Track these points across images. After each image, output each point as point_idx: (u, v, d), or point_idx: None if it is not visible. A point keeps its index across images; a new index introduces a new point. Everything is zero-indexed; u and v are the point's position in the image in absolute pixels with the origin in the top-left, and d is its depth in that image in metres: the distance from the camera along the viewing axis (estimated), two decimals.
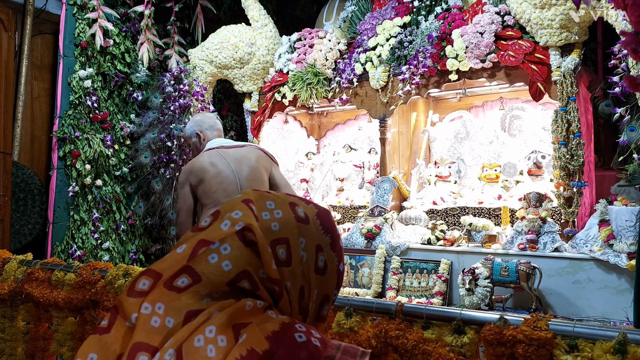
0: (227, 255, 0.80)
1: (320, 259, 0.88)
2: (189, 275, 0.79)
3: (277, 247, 0.83)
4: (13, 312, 2.31)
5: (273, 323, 0.77)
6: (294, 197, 0.92)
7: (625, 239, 3.20)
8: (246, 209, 0.84)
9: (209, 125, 3.04)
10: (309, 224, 0.88)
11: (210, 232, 0.82)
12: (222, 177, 2.79)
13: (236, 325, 0.76)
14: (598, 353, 1.09)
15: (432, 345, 1.28)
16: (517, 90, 4.39)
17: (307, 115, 5.70)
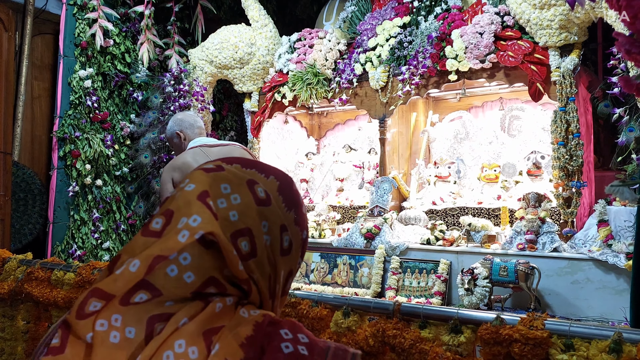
0: (187, 265, 0.72)
1: (285, 239, 0.82)
2: (147, 290, 0.70)
3: (239, 239, 0.76)
4: (13, 311, 2.31)
5: (246, 326, 0.72)
6: (252, 172, 0.83)
7: (623, 239, 3.20)
8: (204, 211, 0.75)
9: (189, 124, 2.98)
10: (271, 204, 0.81)
11: (165, 245, 0.72)
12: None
13: (207, 332, 0.70)
14: (593, 352, 1.09)
15: (429, 344, 1.29)
16: (516, 91, 4.39)
17: (307, 116, 5.70)
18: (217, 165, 0.83)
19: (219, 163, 0.84)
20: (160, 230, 0.75)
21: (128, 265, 0.71)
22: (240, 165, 0.84)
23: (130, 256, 0.73)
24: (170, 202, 0.78)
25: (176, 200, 0.77)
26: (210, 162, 0.85)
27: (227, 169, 0.82)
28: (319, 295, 1.53)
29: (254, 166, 0.85)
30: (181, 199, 0.77)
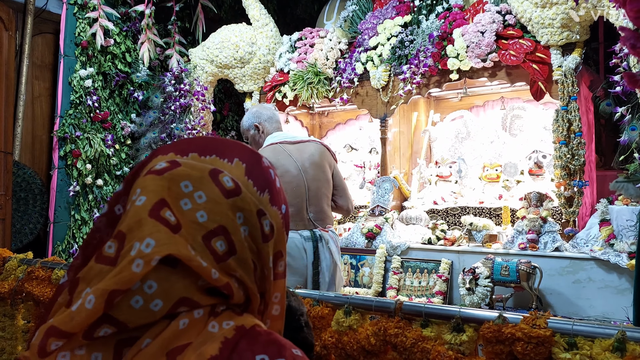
0: (154, 293, 0.64)
1: (266, 224, 0.74)
2: (110, 324, 0.64)
3: (213, 240, 0.68)
4: (13, 310, 2.31)
5: (213, 343, 0.64)
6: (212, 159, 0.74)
7: (626, 238, 3.19)
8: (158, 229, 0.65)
9: (268, 117, 2.85)
10: (242, 192, 0.72)
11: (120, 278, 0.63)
12: (291, 176, 2.64)
13: (171, 352, 0.63)
14: (597, 351, 1.08)
15: (431, 343, 1.28)
16: (518, 90, 4.38)
17: (308, 115, 5.70)
18: (170, 162, 0.72)
19: (172, 157, 0.74)
20: (115, 257, 0.65)
21: (84, 301, 0.62)
22: (197, 154, 0.75)
23: (87, 285, 0.65)
24: (122, 221, 0.68)
25: (127, 220, 0.67)
26: (161, 158, 0.74)
27: (183, 162, 0.72)
28: (320, 294, 1.52)
29: (213, 150, 0.76)
30: (132, 217, 0.67)
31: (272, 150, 2.67)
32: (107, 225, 0.74)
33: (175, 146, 0.77)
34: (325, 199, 2.75)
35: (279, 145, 2.69)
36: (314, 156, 2.72)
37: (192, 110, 5.07)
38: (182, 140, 0.79)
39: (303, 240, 2.62)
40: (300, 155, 2.69)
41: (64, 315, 0.63)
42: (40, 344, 0.63)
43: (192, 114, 5.06)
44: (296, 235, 2.62)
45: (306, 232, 2.64)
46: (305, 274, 2.60)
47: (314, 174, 2.68)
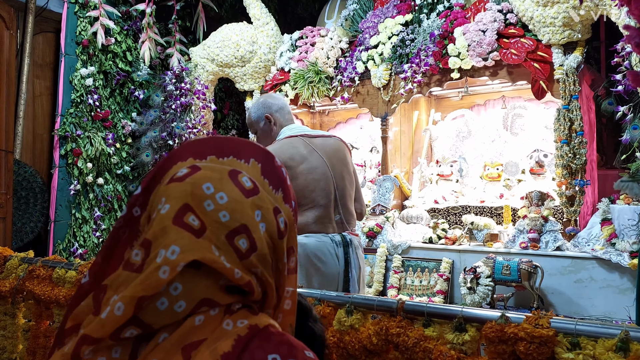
0: (178, 295, 0.67)
1: (281, 221, 0.78)
2: (136, 326, 0.67)
3: (236, 238, 0.71)
4: (14, 309, 2.31)
5: (226, 340, 0.67)
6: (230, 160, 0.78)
7: (627, 237, 3.19)
8: (182, 236, 0.69)
9: (279, 107, 2.57)
10: (260, 192, 0.76)
11: (147, 284, 0.66)
12: (319, 173, 2.39)
13: (186, 347, 0.66)
14: (600, 351, 1.08)
15: (433, 342, 1.28)
16: (519, 89, 4.37)
17: (309, 114, 5.69)
18: (190, 167, 0.75)
19: (192, 162, 0.77)
20: (141, 264, 0.69)
21: (113, 308, 0.66)
22: (215, 156, 0.78)
23: (114, 292, 0.68)
24: (148, 229, 0.71)
25: (152, 227, 0.70)
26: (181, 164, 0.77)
27: (202, 166, 0.75)
28: (321, 294, 1.52)
29: (230, 152, 0.79)
30: (157, 225, 0.70)
31: (293, 142, 2.43)
32: (125, 224, 0.78)
33: (192, 149, 0.79)
34: (351, 200, 2.53)
35: (299, 138, 2.44)
36: (339, 152, 2.50)
37: (193, 109, 5.06)
38: (197, 143, 0.81)
39: (335, 245, 2.39)
40: (326, 151, 2.45)
41: (94, 323, 0.66)
42: (73, 352, 0.66)
43: (193, 113, 5.06)
44: (327, 239, 2.38)
45: (337, 237, 2.41)
46: (337, 283, 2.39)
47: (340, 171, 2.46)
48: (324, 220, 2.39)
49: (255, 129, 2.63)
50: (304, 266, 2.33)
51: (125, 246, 0.77)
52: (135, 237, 0.76)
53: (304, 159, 2.37)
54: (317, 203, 2.37)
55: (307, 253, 2.33)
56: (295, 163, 2.35)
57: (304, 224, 2.37)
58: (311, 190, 2.35)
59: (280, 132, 2.53)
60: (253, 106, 2.61)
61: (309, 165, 2.37)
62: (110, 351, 0.67)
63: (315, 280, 2.33)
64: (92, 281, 0.76)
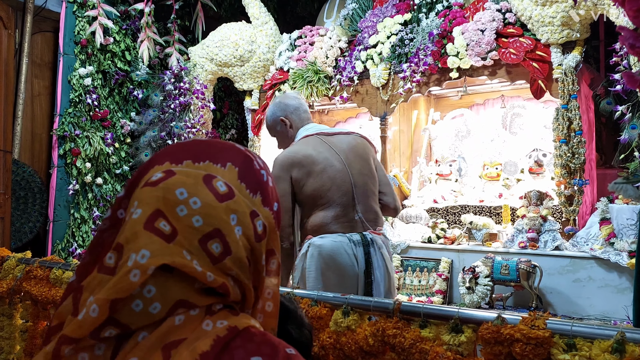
0: (152, 297, 0.68)
1: (258, 224, 0.78)
2: (114, 326, 0.68)
3: (209, 243, 0.72)
4: (11, 310, 2.30)
5: (205, 339, 0.68)
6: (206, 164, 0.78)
7: (626, 237, 3.18)
8: (153, 241, 0.70)
9: (295, 108, 2.51)
10: (235, 196, 0.76)
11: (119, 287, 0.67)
12: (334, 171, 2.32)
13: (166, 346, 0.67)
14: (596, 352, 1.07)
15: (429, 344, 1.27)
16: (518, 88, 4.37)
17: None
18: (165, 172, 0.76)
19: (168, 166, 0.77)
20: (114, 267, 0.70)
21: (88, 310, 0.67)
22: (191, 161, 0.78)
23: (90, 294, 0.70)
24: (121, 233, 0.73)
25: (124, 232, 0.72)
26: (158, 168, 0.78)
27: (177, 171, 0.76)
28: (318, 294, 1.52)
29: (207, 156, 0.79)
30: (129, 229, 0.71)
31: (309, 142, 2.36)
32: (110, 226, 0.79)
33: (170, 154, 0.80)
34: (373, 196, 2.43)
35: (315, 137, 2.38)
36: (357, 148, 2.42)
37: (192, 109, 5.06)
38: (176, 147, 0.82)
39: (353, 245, 2.28)
40: (343, 148, 2.38)
41: (72, 324, 0.68)
42: (53, 352, 0.68)
43: (192, 113, 5.05)
44: (344, 239, 2.29)
45: (356, 236, 2.30)
46: (356, 285, 2.27)
47: (359, 168, 2.37)
48: (341, 219, 2.32)
49: (272, 133, 2.58)
50: (320, 269, 2.24)
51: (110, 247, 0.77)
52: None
53: (319, 158, 2.31)
54: (333, 202, 2.30)
55: (322, 255, 2.24)
56: (310, 162, 2.30)
57: (321, 224, 2.31)
58: (327, 189, 2.29)
59: (297, 133, 2.48)
60: (269, 109, 2.56)
61: (324, 164, 2.31)
62: (93, 349, 0.68)
63: (332, 283, 2.21)
64: (77, 280, 0.77)
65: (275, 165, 2.31)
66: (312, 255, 2.25)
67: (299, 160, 2.29)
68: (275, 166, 2.31)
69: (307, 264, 2.26)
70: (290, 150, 2.36)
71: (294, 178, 2.29)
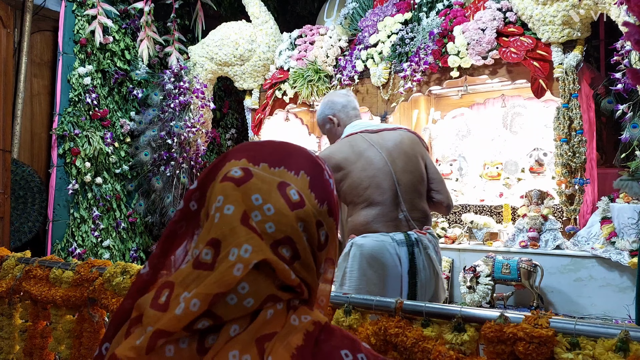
0: (246, 293, 0.72)
1: (322, 234, 0.80)
2: (209, 318, 0.72)
3: (279, 248, 0.75)
4: (11, 309, 2.30)
5: (297, 334, 0.72)
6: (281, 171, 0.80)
7: (627, 236, 3.18)
8: (252, 237, 0.73)
9: (342, 105, 2.49)
10: (305, 205, 0.78)
11: (222, 281, 0.70)
12: (375, 169, 2.26)
13: (260, 339, 0.71)
14: (600, 351, 1.07)
15: (431, 343, 1.27)
16: (519, 88, 4.36)
17: (309, 113, 5.68)
18: (244, 171, 0.78)
19: (246, 165, 0.80)
20: (212, 263, 0.73)
21: (188, 304, 0.70)
22: (267, 165, 0.80)
23: (185, 289, 0.72)
24: (213, 229, 0.75)
25: (219, 227, 0.74)
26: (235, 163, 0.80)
27: (255, 173, 0.78)
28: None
29: (282, 162, 0.81)
30: (225, 225, 0.74)
31: (351, 141, 2.31)
32: (182, 219, 0.83)
33: (247, 151, 0.83)
34: (419, 195, 2.33)
35: (358, 135, 2.33)
36: (402, 145, 2.34)
37: (192, 108, 5.05)
38: (253, 145, 0.85)
39: (396, 244, 2.20)
40: (386, 145, 2.32)
41: (169, 319, 0.70)
42: (148, 345, 0.70)
43: (192, 112, 5.04)
44: (387, 238, 2.21)
45: (399, 235, 2.22)
46: (399, 286, 2.18)
47: (403, 165, 2.29)
48: (383, 218, 2.24)
49: (323, 131, 2.60)
50: (361, 269, 2.17)
51: (183, 239, 0.82)
52: (193, 230, 0.81)
53: (360, 157, 2.26)
54: (373, 200, 2.23)
55: (363, 255, 2.18)
56: (350, 163, 2.27)
57: (361, 224, 2.25)
58: (364, 187, 2.23)
59: (344, 131, 2.45)
60: (319, 107, 2.56)
61: (363, 162, 2.26)
62: (178, 342, 0.71)
63: (373, 283, 2.16)
64: (151, 272, 0.82)
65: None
66: (354, 255, 2.21)
67: (338, 159, 2.27)
68: None
69: (349, 263, 2.22)
70: (329, 149, 2.35)
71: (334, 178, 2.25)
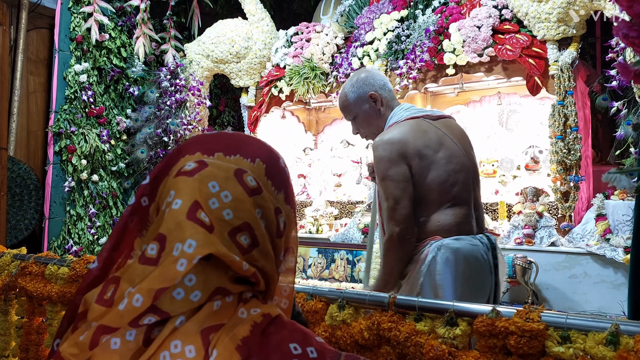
0: (193, 286, 0.71)
1: (281, 221, 0.80)
2: (154, 314, 0.70)
3: (238, 235, 0.74)
4: (7, 306, 2.30)
5: (243, 326, 0.71)
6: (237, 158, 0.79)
7: (621, 233, 3.19)
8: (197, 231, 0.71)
9: (384, 82, 2.06)
10: (263, 192, 0.78)
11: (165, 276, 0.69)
12: (457, 162, 1.91)
13: (205, 330, 0.70)
14: (590, 344, 1.08)
15: (424, 337, 1.27)
16: (514, 85, 4.37)
17: (305, 111, 5.68)
18: (198, 162, 0.77)
19: (200, 157, 0.78)
20: (157, 258, 0.72)
21: (131, 300, 0.69)
22: (222, 153, 0.79)
23: (130, 285, 0.72)
24: (160, 224, 0.74)
25: (166, 222, 0.73)
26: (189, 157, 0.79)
27: (210, 163, 0.77)
28: (313, 289, 1.51)
29: (237, 150, 0.80)
30: (171, 220, 0.72)
31: (422, 126, 1.93)
32: (134, 214, 0.81)
33: (200, 144, 0.81)
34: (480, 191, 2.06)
35: (422, 120, 1.96)
36: (466, 137, 2.05)
37: (188, 106, 5.05)
38: (207, 137, 0.83)
39: (486, 249, 1.91)
40: (456, 135, 2.00)
41: (112, 314, 0.70)
42: (91, 341, 0.70)
43: (188, 109, 5.04)
44: (478, 242, 1.89)
45: (485, 239, 1.93)
46: (489, 293, 1.93)
47: (474, 160, 2.01)
48: (467, 219, 1.93)
49: (354, 113, 2.10)
50: (456, 275, 1.84)
51: (133, 234, 0.80)
52: (144, 226, 0.80)
53: (440, 147, 1.90)
54: (459, 199, 1.90)
55: (460, 259, 1.85)
56: (432, 151, 1.88)
57: (452, 224, 1.89)
58: (452, 184, 1.88)
59: (391, 113, 2.05)
60: (348, 85, 2.09)
61: (445, 154, 1.90)
62: (125, 335, 0.70)
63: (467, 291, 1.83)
64: (101, 267, 0.80)
65: (385, 149, 1.88)
66: (445, 260, 1.84)
67: (418, 147, 1.87)
68: (385, 149, 1.88)
69: (438, 269, 1.85)
70: (402, 132, 1.90)
71: (411, 165, 1.86)
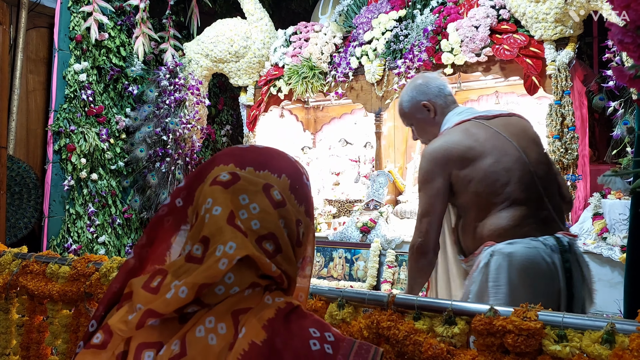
0: (232, 283, 0.81)
1: (300, 232, 0.91)
2: (197, 305, 0.81)
3: (264, 242, 0.84)
4: (8, 304, 2.31)
5: (269, 309, 0.81)
6: (265, 174, 0.90)
7: (618, 232, 3.21)
8: (236, 235, 0.82)
9: (439, 89, 2.07)
10: (287, 205, 0.88)
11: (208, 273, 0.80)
12: (510, 161, 1.86)
13: (235, 312, 0.80)
14: (587, 343, 1.10)
15: (423, 335, 1.29)
16: (512, 84, 4.39)
17: (303, 110, 5.70)
18: (232, 175, 0.87)
19: (233, 169, 0.89)
20: (201, 257, 0.82)
21: (177, 291, 0.79)
22: (253, 169, 0.90)
23: (176, 278, 0.82)
24: (202, 228, 0.84)
25: (208, 227, 0.83)
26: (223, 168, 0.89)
27: (242, 176, 0.87)
28: (313, 288, 1.53)
29: (266, 166, 0.91)
30: (212, 225, 0.83)
31: (470, 129, 1.92)
32: (169, 213, 0.93)
33: (234, 157, 0.92)
34: (555, 189, 1.97)
35: (475, 121, 1.95)
36: (528, 132, 1.99)
37: (187, 105, 5.06)
38: (240, 151, 0.94)
39: (550, 251, 1.78)
40: (512, 132, 1.94)
41: (160, 301, 0.80)
42: (139, 322, 0.80)
43: (187, 108, 5.05)
44: (539, 244, 1.79)
45: (551, 240, 1.81)
46: (557, 303, 1.78)
47: (537, 156, 1.92)
48: (527, 220, 1.84)
49: (410, 122, 2.14)
50: (511, 283, 1.75)
51: (168, 231, 0.93)
52: (179, 224, 0.92)
53: (487, 147, 1.88)
54: (515, 199, 1.83)
55: (514, 265, 1.75)
56: (476, 154, 1.86)
57: (506, 227, 1.82)
58: (503, 183, 1.83)
59: (444, 120, 2.05)
60: (405, 92, 2.11)
61: (495, 153, 1.86)
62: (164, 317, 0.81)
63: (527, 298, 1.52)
64: (137, 260, 0.92)
65: (429, 159, 1.91)
66: (499, 266, 1.77)
67: (461, 152, 1.86)
68: (429, 160, 1.91)
69: (491, 276, 1.78)
70: (447, 140, 1.92)
71: (455, 175, 1.87)
